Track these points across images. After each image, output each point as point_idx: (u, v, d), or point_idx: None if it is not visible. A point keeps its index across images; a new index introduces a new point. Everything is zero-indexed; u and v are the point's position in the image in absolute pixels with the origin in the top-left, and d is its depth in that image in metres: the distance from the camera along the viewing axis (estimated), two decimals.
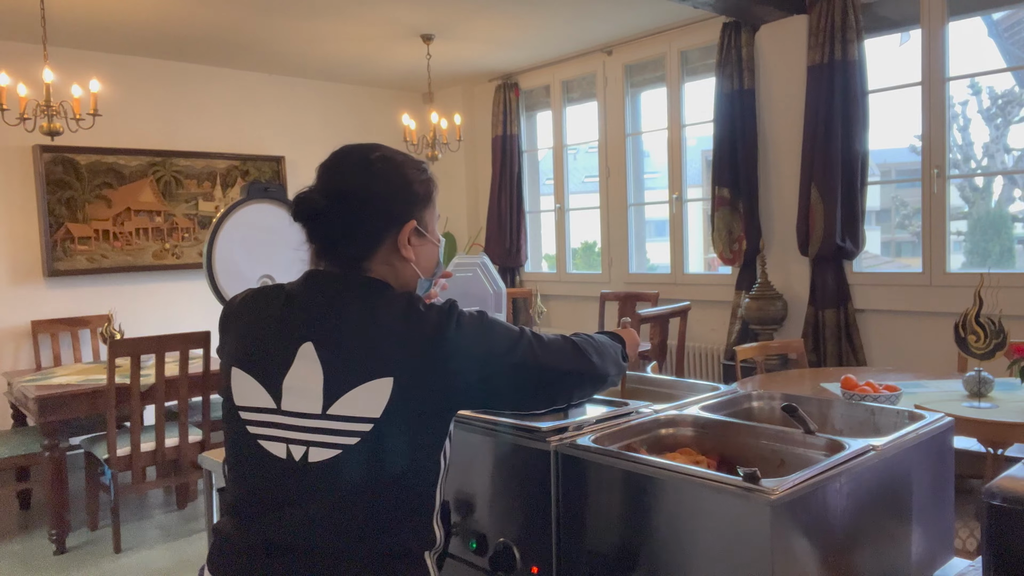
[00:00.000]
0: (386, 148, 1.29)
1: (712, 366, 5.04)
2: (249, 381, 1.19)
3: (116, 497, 3.60)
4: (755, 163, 4.69)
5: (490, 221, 6.39)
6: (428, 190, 1.29)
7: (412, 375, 1.13)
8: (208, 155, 5.63)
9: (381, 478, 1.13)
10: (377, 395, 1.12)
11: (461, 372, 1.16)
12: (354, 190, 1.22)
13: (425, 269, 1.30)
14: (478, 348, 1.18)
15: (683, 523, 1.14)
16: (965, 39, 4.04)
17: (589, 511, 1.27)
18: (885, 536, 1.29)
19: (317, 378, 1.14)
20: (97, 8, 4.30)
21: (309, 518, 1.13)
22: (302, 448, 1.14)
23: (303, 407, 1.15)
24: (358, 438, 1.12)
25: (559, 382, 1.27)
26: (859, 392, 2.45)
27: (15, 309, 4.92)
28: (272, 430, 1.17)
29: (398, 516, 1.15)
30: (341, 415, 1.13)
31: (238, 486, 1.21)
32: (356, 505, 1.13)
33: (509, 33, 5.14)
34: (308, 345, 1.16)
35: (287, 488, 1.15)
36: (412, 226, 1.24)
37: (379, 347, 1.14)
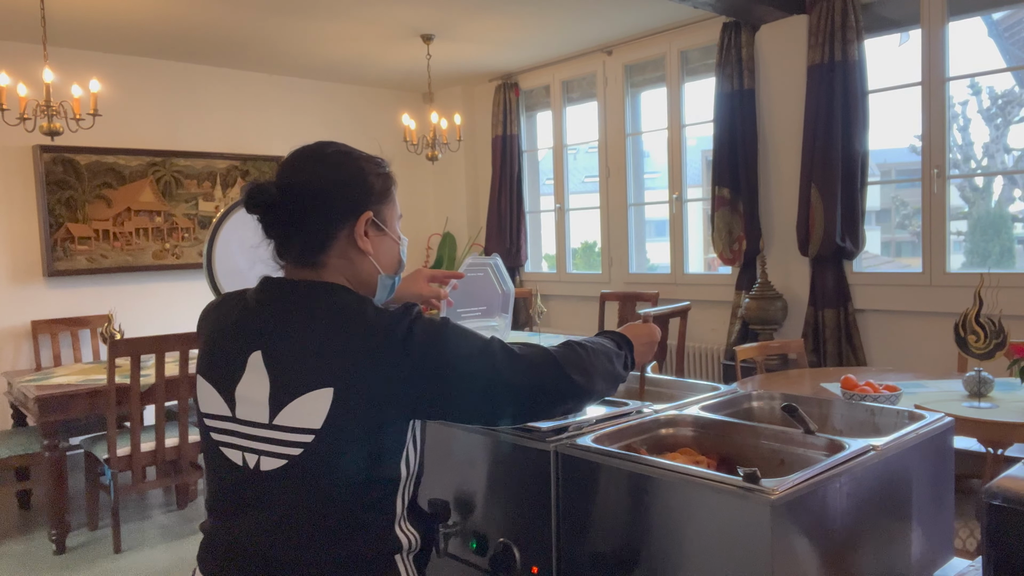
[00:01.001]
0: (344, 145, 1.28)
1: (712, 366, 5.04)
2: (209, 389, 1.21)
3: (116, 497, 3.60)
4: (755, 163, 4.69)
5: (490, 221, 6.39)
6: (386, 185, 1.27)
7: (353, 386, 1.10)
8: (208, 155, 5.63)
9: (331, 488, 1.12)
10: (317, 406, 1.10)
11: (410, 383, 1.11)
12: (307, 181, 1.21)
13: (386, 265, 1.27)
14: (431, 359, 1.12)
15: (683, 523, 1.14)
16: (965, 39, 4.04)
17: (589, 511, 1.27)
18: (885, 536, 1.29)
19: (264, 388, 1.14)
20: (97, 8, 4.30)
21: (263, 525, 1.14)
22: (255, 456, 1.14)
23: (253, 416, 1.15)
24: (301, 449, 1.11)
25: (529, 399, 1.20)
26: (859, 392, 2.45)
27: (15, 309, 4.92)
28: (230, 437, 1.18)
29: (353, 524, 1.14)
30: (286, 425, 1.12)
31: (208, 488, 1.24)
32: (307, 514, 1.12)
33: (509, 33, 5.14)
34: (257, 354, 1.15)
35: (244, 495, 1.17)
36: (368, 217, 1.22)
37: (320, 357, 1.11)
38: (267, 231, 1.23)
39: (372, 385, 1.10)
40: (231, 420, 1.18)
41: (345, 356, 1.11)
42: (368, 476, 1.13)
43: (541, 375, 1.19)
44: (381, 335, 1.12)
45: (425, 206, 7.04)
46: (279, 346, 1.15)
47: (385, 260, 1.27)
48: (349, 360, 1.11)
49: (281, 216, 1.20)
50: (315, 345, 1.12)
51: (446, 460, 1.52)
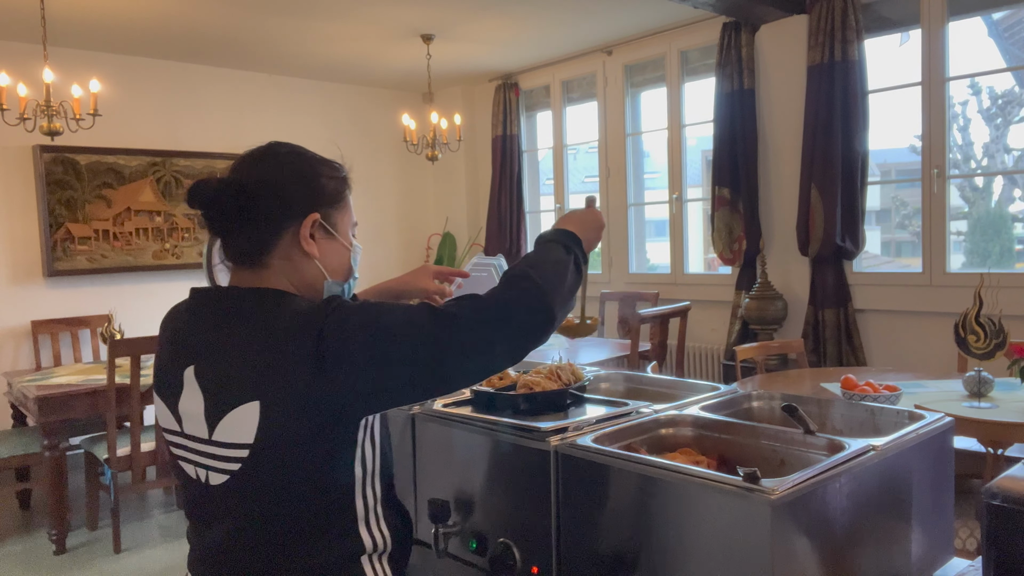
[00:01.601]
0: (299, 146, 1.24)
1: (712, 366, 5.04)
2: (160, 403, 1.20)
3: (116, 497, 3.60)
4: (755, 163, 4.69)
5: (490, 221, 6.39)
6: (339, 189, 1.22)
7: (277, 396, 1.06)
8: (208, 155, 5.63)
9: (278, 498, 1.10)
10: (247, 421, 1.07)
11: (335, 385, 1.05)
12: (252, 178, 1.16)
13: (333, 270, 1.22)
14: (349, 355, 1.05)
15: (683, 523, 1.14)
16: (965, 39, 4.04)
17: (589, 511, 1.27)
18: (885, 536, 1.29)
19: (199, 404, 1.12)
20: (97, 8, 4.30)
21: (222, 537, 1.14)
22: (204, 471, 1.14)
23: (196, 432, 1.13)
24: (239, 464, 1.09)
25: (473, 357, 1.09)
26: (859, 392, 2.45)
27: (15, 309, 4.92)
28: (183, 452, 1.17)
29: (308, 531, 1.12)
30: (222, 441, 1.10)
31: (180, 497, 1.25)
32: (260, 525, 1.11)
33: (509, 33, 5.14)
34: (190, 370, 1.14)
35: (203, 507, 1.17)
36: (315, 219, 1.17)
37: (243, 369, 1.08)
38: (211, 229, 1.18)
39: (296, 393, 1.05)
40: (181, 435, 1.16)
41: (265, 366, 1.07)
42: (317, 482, 1.10)
43: (481, 328, 1.09)
44: (296, 341, 1.06)
45: (425, 206, 7.04)
46: (208, 360, 1.12)
47: (332, 265, 1.22)
48: (269, 370, 1.06)
49: (223, 213, 1.15)
50: (238, 357, 1.09)
51: (446, 460, 1.52)
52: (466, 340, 1.08)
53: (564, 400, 1.53)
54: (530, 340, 1.13)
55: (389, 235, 6.77)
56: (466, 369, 1.10)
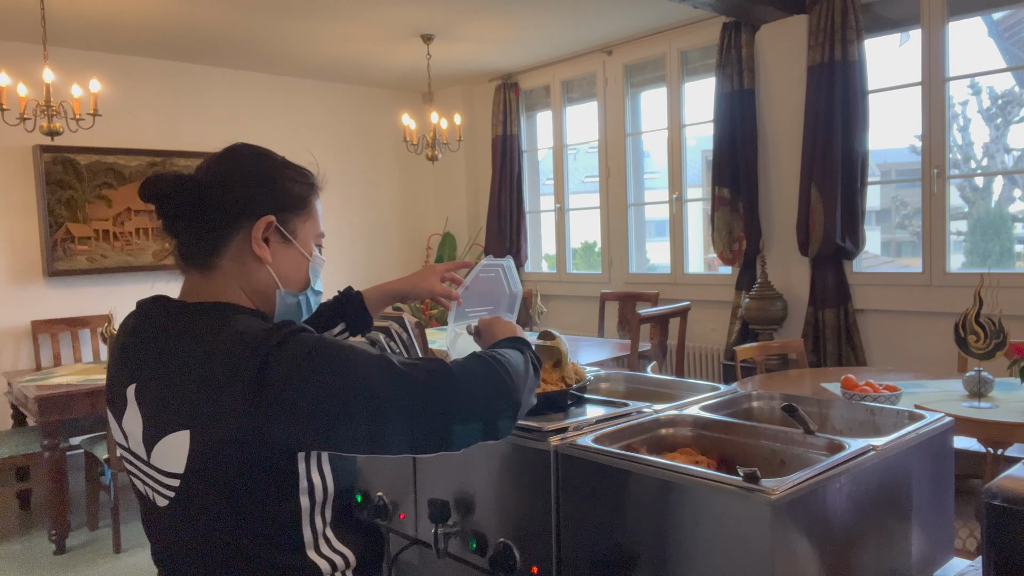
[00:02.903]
0: (267, 149, 1.19)
1: (712, 366, 5.04)
2: (111, 417, 1.16)
3: (116, 497, 3.60)
4: (755, 163, 4.69)
5: (490, 221, 6.39)
6: (304, 194, 1.17)
7: (209, 427, 0.99)
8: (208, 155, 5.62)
9: (215, 527, 1.05)
10: (178, 450, 1.02)
11: (270, 421, 0.97)
12: (208, 175, 1.13)
13: (286, 278, 1.16)
14: (290, 393, 0.97)
15: (683, 523, 1.14)
16: (965, 39, 4.04)
17: (589, 511, 1.27)
18: (885, 536, 1.29)
19: (138, 425, 1.08)
20: (97, 8, 4.30)
21: (172, 555, 1.13)
22: (150, 491, 1.10)
23: (138, 451, 1.10)
24: (173, 492, 1.05)
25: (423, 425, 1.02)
26: (859, 392, 2.45)
27: (15, 309, 4.92)
28: (132, 467, 1.14)
29: (250, 560, 1.06)
30: (158, 467, 1.06)
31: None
32: (201, 550, 1.08)
33: (509, 33, 5.14)
34: (131, 388, 1.10)
35: (151, 524, 1.15)
36: (268, 221, 1.12)
37: (177, 395, 1.03)
38: (164, 227, 1.15)
39: (229, 426, 0.98)
40: (129, 452, 1.13)
41: (198, 393, 1.00)
42: (254, 515, 1.04)
43: (433, 396, 1.03)
44: (234, 368, 0.98)
45: (425, 206, 7.04)
46: (147, 381, 1.08)
47: (286, 273, 1.16)
48: (202, 398, 1.00)
49: (174, 209, 1.12)
50: (173, 380, 1.04)
51: (446, 460, 1.52)
52: (418, 412, 1.01)
53: (564, 400, 1.53)
54: (488, 428, 1.07)
55: (389, 235, 6.77)
56: (411, 442, 1.03)
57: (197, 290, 1.15)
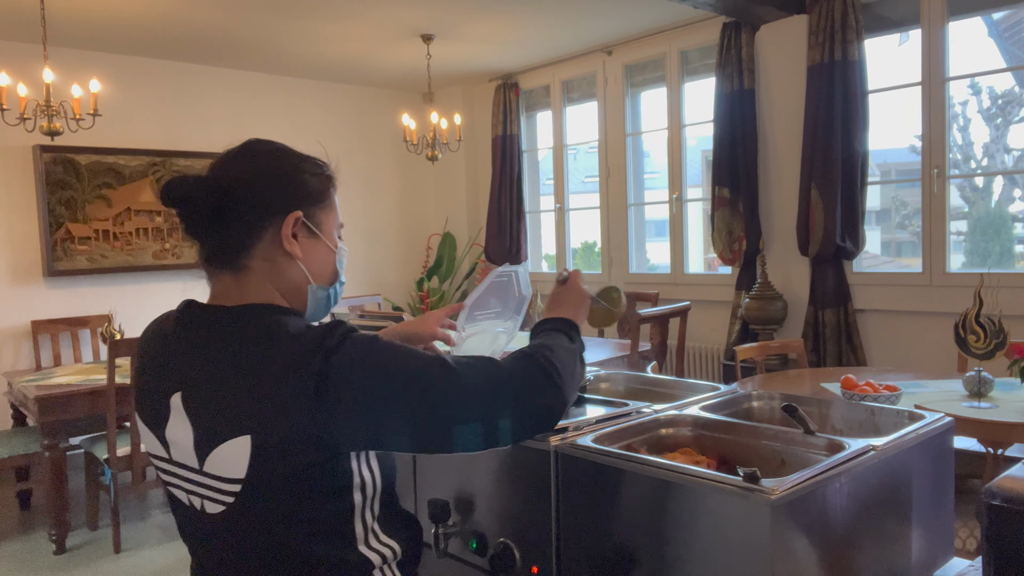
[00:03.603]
0: (280, 143, 1.19)
1: (712, 366, 5.04)
2: (144, 428, 1.14)
3: (116, 497, 3.60)
4: (755, 163, 4.69)
5: (490, 221, 6.39)
6: (324, 187, 1.17)
7: (271, 431, 1.00)
8: (208, 155, 5.62)
9: (273, 530, 1.05)
10: (238, 456, 1.01)
11: (332, 423, 1.00)
12: (230, 175, 1.11)
13: (317, 273, 1.16)
14: (351, 394, 1.00)
15: (683, 523, 1.14)
16: (965, 39, 4.04)
17: (589, 511, 1.27)
18: (885, 536, 1.29)
19: (188, 434, 1.07)
20: (97, 8, 4.30)
21: (217, 565, 1.12)
22: (198, 500, 1.09)
23: (186, 460, 1.08)
24: (232, 498, 1.04)
25: (474, 425, 1.05)
26: (859, 392, 2.45)
27: (15, 309, 4.92)
28: (173, 478, 1.12)
29: (306, 560, 1.08)
30: (214, 474, 1.05)
31: (177, 523, 1.21)
32: (256, 554, 1.08)
33: (509, 33, 5.14)
34: (177, 397, 1.08)
35: (197, 534, 1.14)
36: (297, 217, 1.12)
37: (234, 401, 1.02)
38: (186, 230, 1.13)
39: (291, 429, 0.99)
40: (169, 462, 1.11)
41: (258, 399, 1.01)
42: (312, 514, 1.06)
43: (487, 397, 1.06)
44: (294, 372, 1.00)
45: (425, 206, 7.04)
46: (196, 388, 1.06)
47: (317, 268, 1.16)
48: (263, 403, 1.00)
49: (198, 212, 1.10)
50: (228, 387, 1.03)
51: (446, 460, 1.52)
52: (473, 411, 1.05)
53: None
54: (539, 426, 1.11)
55: (389, 235, 6.77)
56: (465, 441, 1.06)
57: (230, 292, 1.12)
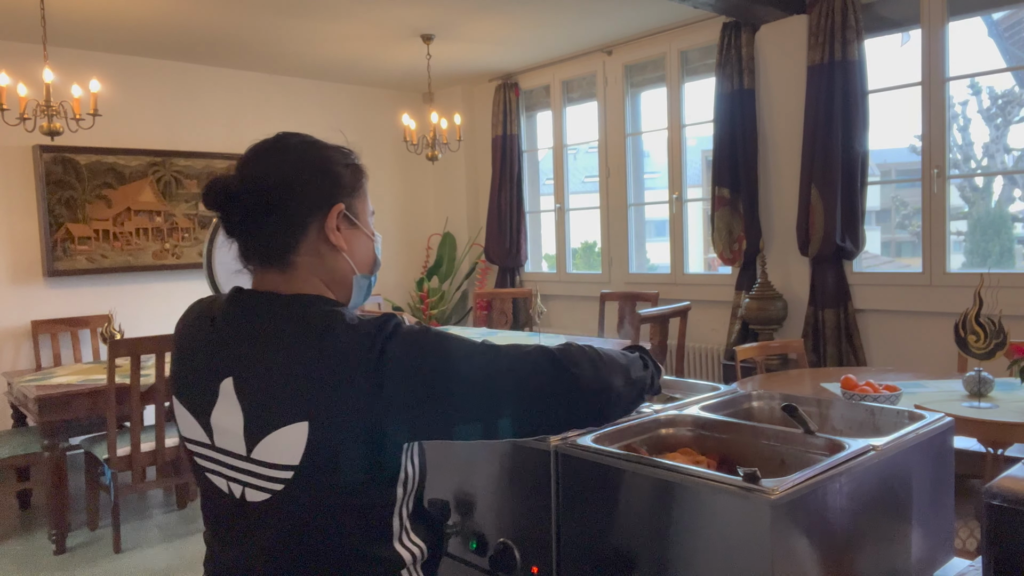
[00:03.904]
0: (308, 135, 1.20)
1: (712, 366, 5.04)
2: (185, 413, 1.13)
3: (116, 497, 3.60)
4: (755, 163, 4.69)
5: (490, 221, 6.39)
6: (357, 177, 1.18)
7: (330, 416, 1.00)
8: (208, 155, 5.63)
9: (319, 520, 1.05)
10: (294, 441, 1.01)
11: (390, 411, 1.01)
12: (270, 172, 1.11)
13: (360, 263, 1.18)
14: (409, 382, 1.01)
15: (683, 523, 1.14)
16: (965, 39, 4.04)
17: (589, 511, 1.27)
18: (885, 536, 1.29)
19: (238, 420, 1.05)
20: (97, 8, 4.30)
21: (253, 555, 1.09)
22: (239, 487, 1.08)
23: (232, 447, 1.07)
24: (283, 484, 1.03)
25: (529, 409, 1.07)
26: (859, 392, 2.45)
27: (15, 309, 4.92)
28: (213, 464, 1.11)
29: (346, 552, 1.08)
30: (263, 460, 1.04)
31: (202, 511, 1.19)
32: (297, 545, 1.07)
33: (509, 33, 5.14)
34: (228, 382, 1.07)
35: (234, 523, 1.12)
36: (340, 209, 1.13)
37: (291, 387, 1.02)
38: (229, 230, 1.12)
39: (349, 416, 1.00)
40: (211, 448, 1.10)
41: (317, 386, 1.01)
42: (359, 504, 1.07)
43: (539, 382, 1.07)
44: (353, 360, 1.01)
45: (425, 206, 7.04)
46: (250, 374, 1.05)
47: (360, 258, 1.18)
48: (322, 390, 1.01)
49: (243, 211, 1.10)
50: (285, 373, 1.03)
51: (446, 460, 1.52)
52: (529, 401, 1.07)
53: None
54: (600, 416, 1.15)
55: (389, 235, 6.77)
56: (520, 427, 1.09)
57: (279, 287, 1.13)
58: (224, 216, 1.11)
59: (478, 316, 5.94)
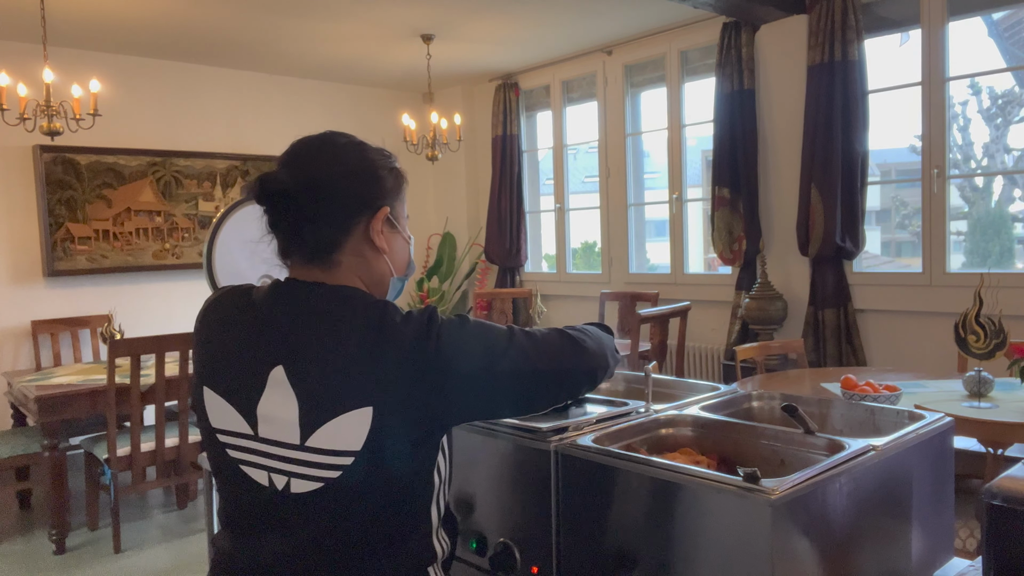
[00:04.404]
0: (354, 136, 1.21)
1: (712, 366, 5.04)
2: (222, 404, 1.11)
3: (116, 497, 3.60)
4: (755, 163, 4.69)
5: (490, 221, 6.39)
6: (398, 181, 1.21)
7: (393, 401, 1.03)
8: (208, 155, 5.63)
9: (368, 508, 1.06)
10: (357, 427, 1.03)
11: (448, 388, 1.06)
12: (322, 171, 1.13)
13: (398, 265, 1.21)
14: (464, 360, 1.07)
15: (683, 523, 1.14)
16: (965, 39, 4.04)
17: (589, 511, 1.27)
18: (885, 536, 1.29)
19: (292, 408, 1.05)
20: (97, 8, 4.30)
21: (293, 547, 1.08)
22: (284, 478, 1.07)
23: (281, 436, 1.06)
24: (340, 471, 1.04)
25: (558, 381, 1.19)
26: (859, 392, 2.45)
27: (15, 309, 4.92)
28: (252, 456, 1.09)
29: (391, 541, 1.09)
30: (320, 448, 1.04)
31: (227, 504, 1.16)
32: (343, 534, 1.07)
33: (509, 33, 5.14)
34: (279, 370, 1.06)
35: (271, 516, 1.09)
36: (385, 213, 1.16)
37: (354, 373, 1.03)
38: (275, 225, 1.14)
39: (413, 399, 1.04)
40: (253, 439, 1.08)
41: (380, 372, 1.03)
42: (406, 491, 1.09)
43: (566, 355, 1.19)
44: (414, 347, 1.05)
45: (425, 206, 7.04)
46: (305, 361, 1.05)
47: (398, 260, 1.21)
48: (385, 376, 1.03)
49: (293, 208, 1.11)
50: (345, 360, 1.04)
51: None
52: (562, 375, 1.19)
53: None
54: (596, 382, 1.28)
55: None
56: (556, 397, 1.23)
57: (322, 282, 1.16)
58: (273, 212, 1.14)
59: (478, 316, 5.95)
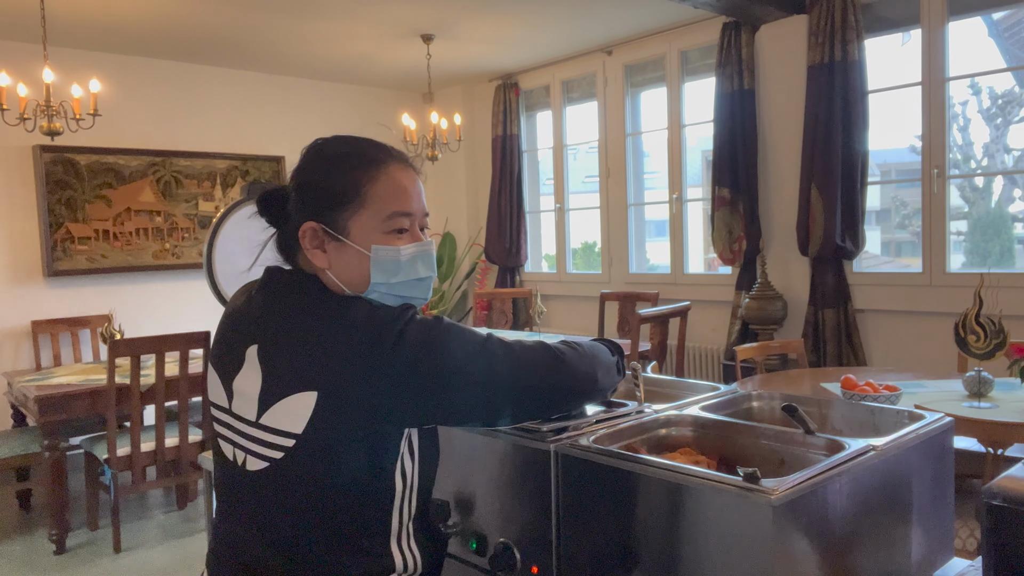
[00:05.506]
0: (333, 140, 1.20)
1: (712, 366, 5.04)
2: (215, 377, 1.18)
3: (116, 497, 3.60)
4: (755, 163, 4.69)
5: (490, 221, 6.39)
6: (349, 186, 1.12)
7: (340, 390, 1.03)
8: (208, 155, 5.63)
9: (314, 496, 1.06)
10: (301, 409, 1.03)
11: (401, 392, 1.04)
12: (291, 179, 1.20)
13: (347, 280, 1.13)
14: (423, 366, 1.04)
15: (683, 523, 1.14)
16: (965, 39, 4.04)
17: (589, 511, 1.27)
18: (885, 536, 1.29)
19: (256, 384, 1.09)
20: (97, 8, 4.30)
21: (249, 526, 1.10)
22: (243, 454, 1.10)
23: (244, 412, 1.11)
24: (282, 452, 1.05)
25: (531, 396, 1.15)
26: (859, 392, 2.45)
27: (15, 309, 4.92)
28: (225, 430, 1.15)
29: (338, 537, 1.08)
30: (269, 426, 1.07)
31: (214, 480, 1.21)
32: (289, 520, 1.07)
33: (509, 33, 5.14)
34: (253, 348, 1.11)
35: (233, 492, 1.13)
36: (310, 228, 1.12)
37: (308, 356, 1.05)
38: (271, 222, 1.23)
39: (359, 392, 1.03)
40: (227, 412, 1.14)
41: (331, 358, 1.03)
42: (356, 487, 1.07)
43: (543, 372, 1.15)
44: (370, 339, 1.03)
45: None
46: (272, 341, 1.10)
47: (347, 275, 1.13)
48: (335, 363, 1.03)
49: (266, 213, 1.20)
50: (302, 343, 1.06)
51: (446, 460, 1.52)
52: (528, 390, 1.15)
53: None
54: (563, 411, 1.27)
55: None
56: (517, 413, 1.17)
57: None
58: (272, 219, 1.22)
59: (478, 316, 5.94)
